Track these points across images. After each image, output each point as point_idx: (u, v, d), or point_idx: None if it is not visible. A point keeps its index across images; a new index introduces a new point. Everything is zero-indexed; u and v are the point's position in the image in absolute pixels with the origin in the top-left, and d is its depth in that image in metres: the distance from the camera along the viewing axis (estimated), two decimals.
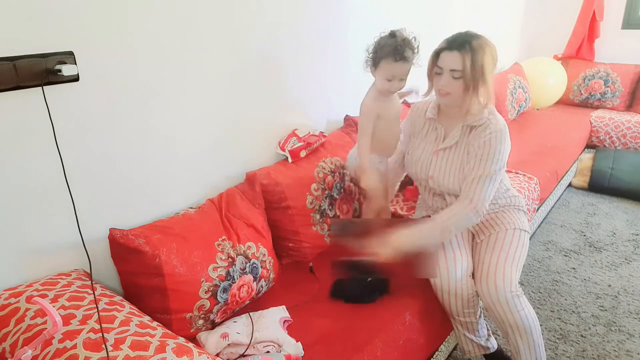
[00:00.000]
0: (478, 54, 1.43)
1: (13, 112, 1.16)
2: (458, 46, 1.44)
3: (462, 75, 1.44)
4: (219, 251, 1.44)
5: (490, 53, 1.46)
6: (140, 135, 1.44)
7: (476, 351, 1.68)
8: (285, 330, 1.40)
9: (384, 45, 1.56)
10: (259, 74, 1.79)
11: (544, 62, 3.89)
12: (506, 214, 1.68)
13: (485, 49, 1.45)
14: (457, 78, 1.45)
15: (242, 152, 1.81)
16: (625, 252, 2.54)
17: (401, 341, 1.45)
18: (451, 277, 1.53)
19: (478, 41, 1.45)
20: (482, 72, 1.44)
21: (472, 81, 1.44)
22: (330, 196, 1.91)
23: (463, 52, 1.43)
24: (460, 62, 1.43)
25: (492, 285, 1.49)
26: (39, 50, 1.16)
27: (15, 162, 1.18)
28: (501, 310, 1.49)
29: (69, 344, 0.98)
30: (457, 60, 1.44)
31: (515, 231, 1.62)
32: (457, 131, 1.58)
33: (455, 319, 1.62)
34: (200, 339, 1.37)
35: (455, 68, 1.44)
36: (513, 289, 1.48)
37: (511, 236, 1.60)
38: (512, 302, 1.47)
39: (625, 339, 1.92)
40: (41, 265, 1.28)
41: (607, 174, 3.25)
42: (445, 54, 1.46)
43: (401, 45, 1.54)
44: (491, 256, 1.55)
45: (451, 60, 1.45)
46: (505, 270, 1.50)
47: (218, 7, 1.57)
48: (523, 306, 1.49)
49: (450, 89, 1.48)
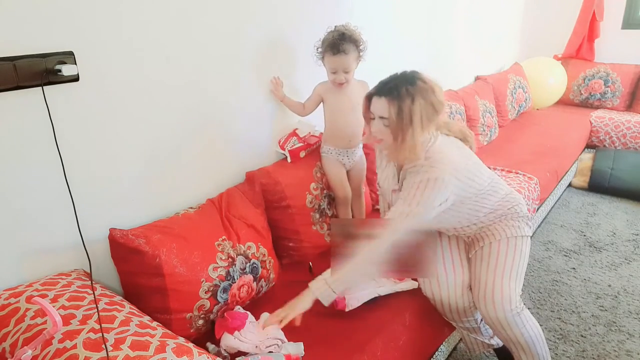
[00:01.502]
0: (405, 101, 1.28)
1: (13, 112, 1.15)
2: (386, 92, 1.32)
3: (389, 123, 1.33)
4: (219, 251, 1.44)
5: (429, 102, 1.30)
6: (140, 135, 1.44)
7: (481, 348, 1.68)
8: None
9: (324, 40, 1.72)
10: (260, 74, 1.79)
11: (544, 62, 3.89)
12: (502, 223, 1.55)
13: (416, 97, 1.29)
14: (387, 126, 1.34)
15: (242, 152, 1.81)
16: (625, 252, 2.54)
17: (401, 341, 1.45)
18: (443, 289, 1.51)
19: (411, 87, 1.30)
20: (409, 123, 1.29)
21: (399, 131, 1.31)
22: (329, 195, 1.91)
23: (389, 98, 1.31)
24: (387, 110, 1.31)
25: (490, 306, 1.44)
26: (39, 50, 1.16)
27: (15, 162, 1.18)
28: (502, 329, 1.46)
29: (69, 344, 0.98)
30: (384, 107, 1.32)
31: (510, 240, 1.50)
32: (403, 174, 1.45)
33: (455, 324, 1.63)
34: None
35: (382, 115, 1.33)
36: (513, 307, 1.43)
37: (506, 247, 1.49)
38: (512, 321, 1.43)
39: (625, 339, 1.91)
40: (41, 265, 1.28)
41: (607, 174, 3.25)
42: (375, 99, 1.36)
43: (338, 39, 1.66)
44: (487, 273, 1.48)
45: (379, 106, 1.34)
46: (503, 288, 1.44)
47: (219, 3, 1.57)
48: (524, 323, 1.45)
49: (382, 136, 1.38)
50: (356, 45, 1.71)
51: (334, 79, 1.74)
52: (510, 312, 1.43)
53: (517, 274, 1.48)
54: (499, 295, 1.43)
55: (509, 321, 1.43)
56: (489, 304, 1.44)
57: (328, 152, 1.91)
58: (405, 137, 1.31)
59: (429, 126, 1.34)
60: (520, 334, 1.45)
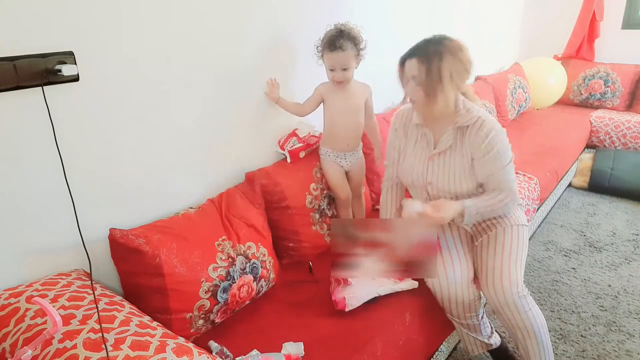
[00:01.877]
0: (433, 60, 1.39)
1: (13, 112, 1.16)
2: (416, 52, 1.44)
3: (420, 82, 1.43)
4: (219, 251, 1.44)
5: (453, 57, 1.41)
6: (140, 135, 1.44)
7: (479, 349, 1.68)
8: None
9: (324, 38, 1.74)
10: (260, 74, 1.79)
11: (544, 62, 3.88)
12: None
13: (445, 55, 1.40)
14: (418, 85, 1.44)
15: (241, 152, 1.81)
16: (625, 252, 2.54)
17: (401, 341, 1.45)
18: (450, 283, 1.53)
19: (439, 47, 1.41)
20: (439, 79, 1.40)
21: (429, 88, 1.42)
22: (329, 196, 1.91)
23: (419, 57, 1.42)
24: (417, 69, 1.42)
25: (499, 289, 1.48)
26: (39, 50, 1.16)
27: (15, 162, 1.18)
28: (509, 313, 1.49)
29: (69, 344, 0.98)
30: (414, 67, 1.43)
31: (514, 227, 1.59)
32: (449, 134, 1.54)
33: (457, 321, 1.63)
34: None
35: (414, 74, 1.44)
36: (519, 290, 1.48)
37: (510, 233, 1.58)
38: (519, 303, 1.47)
39: (625, 339, 1.91)
40: (41, 265, 1.28)
41: (607, 174, 3.25)
42: (407, 62, 1.47)
43: (336, 36, 1.68)
44: (494, 259, 1.54)
45: (410, 67, 1.45)
46: (510, 272, 1.49)
47: (218, 4, 1.57)
48: (530, 306, 1.49)
49: (414, 97, 1.48)
50: (354, 43, 1.71)
51: (332, 76, 1.75)
52: (517, 294, 1.47)
53: (521, 260, 1.55)
54: (506, 278, 1.48)
55: (516, 304, 1.47)
56: (497, 288, 1.48)
57: (326, 154, 1.91)
58: (436, 92, 1.42)
59: (460, 83, 1.46)
60: (527, 317, 1.49)
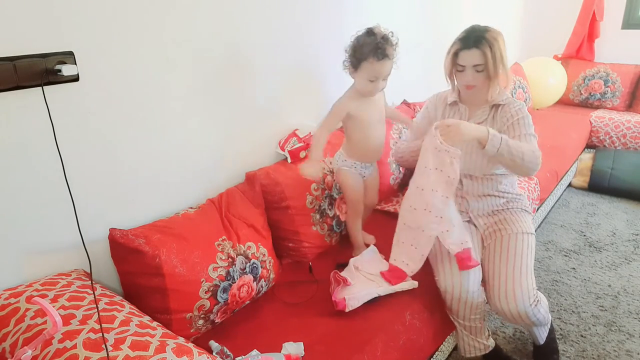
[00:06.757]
0: (494, 45, 1.54)
1: (13, 112, 1.15)
2: (474, 43, 1.54)
3: (484, 67, 1.56)
4: (219, 251, 1.44)
5: (502, 39, 1.58)
6: (140, 135, 1.44)
7: (476, 352, 1.68)
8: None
9: (363, 45, 1.48)
10: (260, 74, 1.79)
11: (544, 62, 3.88)
12: (514, 216, 1.71)
13: (498, 38, 1.55)
14: (480, 71, 1.58)
15: (242, 152, 1.81)
16: (625, 252, 2.54)
17: (401, 341, 1.45)
18: (463, 286, 1.53)
19: (490, 33, 1.55)
20: (501, 60, 1.56)
21: (494, 71, 1.57)
22: (329, 196, 1.91)
23: (482, 47, 1.54)
24: (482, 57, 1.54)
25: (512, 302, 1.49)
26: (39, 50, 1.16)
27: (15, 162, 1.18)
28: (521, 320, 1.52)
29: (69, 344, 0.98)
30: (478, 56, 1.55)
31: (524, 235, 1.63)
32: (484, 110, 1.68)
33: (460, 322, 1.63)
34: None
35: (478, 63, 1.56)
36: (532, 301, 1.49)
37: (521, 242, 1.60)
38: (531, 311, 1.49)
39: (625, 339, 1.92)
40: (41, 265, 1.28)
41: (607, 174, 3.25)
42: (465, 52, 1.57)
43: (382, 42, 1.46)
44: (506, 268, 1.55)
45: (471, 57, 1.56)
46: (522, 283, 1.51)
47: (218, 4, 1.57)
48: (539, 308, 1.52)
49: (475, 82, 1.60)
50: (394, 49, 1.54)
51: (372, 87, 1.53)
52: (530, 305, 1.49)
53: (531, 269, 1.57)
54: (519, 290, 1.50)
55: (527, 312, 1.49)
56: (510, 300, 1.50)
57: (352, 167, 1.74)
58: (498, 73, 1.58)
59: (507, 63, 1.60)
60: (537, 319, 1.53)
